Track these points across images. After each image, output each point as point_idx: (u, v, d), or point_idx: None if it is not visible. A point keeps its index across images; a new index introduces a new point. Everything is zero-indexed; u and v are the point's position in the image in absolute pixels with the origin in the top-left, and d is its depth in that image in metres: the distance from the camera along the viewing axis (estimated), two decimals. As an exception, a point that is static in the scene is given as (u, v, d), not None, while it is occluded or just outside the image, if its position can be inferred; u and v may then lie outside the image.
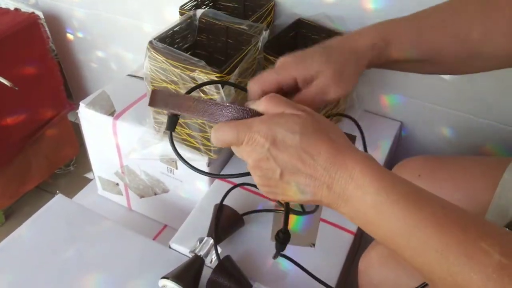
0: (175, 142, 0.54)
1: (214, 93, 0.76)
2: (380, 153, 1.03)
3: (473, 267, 0.34)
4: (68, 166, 1.63)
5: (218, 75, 0.76)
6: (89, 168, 1.61)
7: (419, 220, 0.37)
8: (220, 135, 0.43)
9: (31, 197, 1.50)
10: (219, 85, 0.76)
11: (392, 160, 1.12)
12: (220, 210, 0.80)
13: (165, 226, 1.14)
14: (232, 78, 0.77)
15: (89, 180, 1.41)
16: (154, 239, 1.11)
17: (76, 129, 1.59)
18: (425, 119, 1.07)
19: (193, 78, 0.78)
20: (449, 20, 0.56)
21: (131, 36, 1.33)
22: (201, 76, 0.77)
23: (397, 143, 1.12)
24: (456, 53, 0.55)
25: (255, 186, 0.55)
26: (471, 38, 0.54)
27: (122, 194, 1.17)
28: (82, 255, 0.82)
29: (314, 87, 0.52)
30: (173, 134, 0.91)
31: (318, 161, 0.40)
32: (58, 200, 0.92)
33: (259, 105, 0.44)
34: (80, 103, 1.03)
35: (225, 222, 0.80)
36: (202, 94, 0.78)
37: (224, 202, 0.81)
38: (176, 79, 0.80)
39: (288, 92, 0.53)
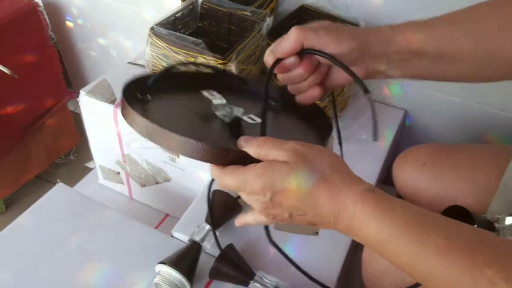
0: None
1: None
2: (384, 141, 1.02)
3: None
4: (68, 156, 1.61)
5: (220, 61, 0.74)
6: (89, 157, 1.60)
7: (421, 252, 0.38)
8: (222, 184, 0.45)
9: (31, 186, 1.49)
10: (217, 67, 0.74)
11: (396, 148, 1.11)
12: (214, 195, 0.79)
13: (167, 215, 1.14)
14: (236, 64, 0.76)
15: (89, 170, 1.40)
16: (156, 228, 1.10)
17: (76, 118, 1.58)
18: (429, 108, 1.06)
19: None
20: (462, 16, 0.54)
21: (131, 23, 1.32)
22: (204, 62, 0.75)
23: (401, 132, 1.11)
24: (472, 49, 0.53)
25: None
26: (486, 34, 0.52)
27: (123, 183, 1.16)
28: (84, 244, 0.81)
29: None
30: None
31: (320, 206, 0.41)
32: (59, 189, 0.91)
33: (250, 149, 0.44)
34: (81, 91, 1.01)
35: (220, 206, 0.80)
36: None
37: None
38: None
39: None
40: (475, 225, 0.64)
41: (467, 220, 0.65)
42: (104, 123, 1.03)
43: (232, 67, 0.75)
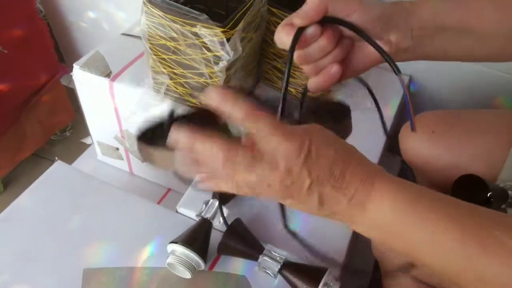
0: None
1: (219, 48, 0.72)
2: (389, 108, 1.00)
3: (489, 255, 0.36)
4: (64, 132, 1.58)
5: (221, 29, 0.71)
6: (85, 133, 1.57)
7: (436, 222, 0.39)
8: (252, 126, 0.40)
9: (28, 164, 1.46)
10: (224, 40, 0.71)
11: (402, 115, 1.09)
12: None
13: (169, 190, 1.12)
14: (237, 32, 0.72)
15: (86, 146, 1.38)
16: (158, 203, 1.08)
17: (70, 93, 1.53)
18: (434, 72, 1.03)
19: (195, 34, 0.72)
20: None
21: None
22: (203, 31, 0.72)
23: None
24: (501, 21, 0.50)
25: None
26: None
27: (123, 159, 1.13)
28: (85, 222, 0.79)
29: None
30: (174, 95, 0.87)
31: (348, 175, 0.40)
32: (58, 167, 0.88)
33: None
34: (74, 65, 0.97)
35: None
36: (204, 49, 0.73)
37: None
38: (175, 35, 0.75)
39: None
40: (490, 193, 0.63)
41: (481, 188, 0.64)
42: (100, 98, 1.00)
43: (236, 36, 0.72)
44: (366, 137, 0.93)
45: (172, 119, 0.52)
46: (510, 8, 0.49)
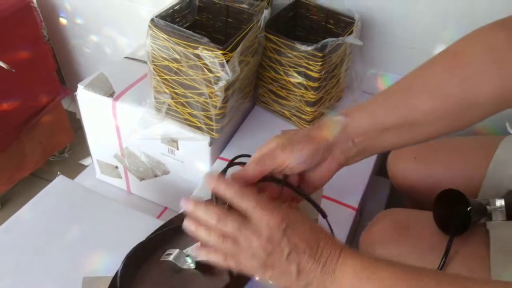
0: (176, 122, 0.58)
1: (219, 69, 0.77)
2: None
3: None
4: (63, 153, 1.62)
5: (221, 52, 0.76)
6: (84, 155, 1.60)
7: None
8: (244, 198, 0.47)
9: (26, 183, 1.48)
10: (224, 61, 0.76)
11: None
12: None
13: (166, 208, 1.15)
14: (236, 54, 0.78)
15: (84, 167, 1.41)
16: (155, 220, 1.11)
17: (69, 116, 1.58)
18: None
19: (197, 56, 0.78)
20: (416, 81, 0.54)
21: (126, 19, 1.32)
22: (204, 53, 0.77)
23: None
24: (439, 108, 0.52)
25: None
26: (449, 91, 0.51)
27: (121, 177, 1.17)
28: (86, 234, 0.82)
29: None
30: (175, 114, 0.92)
31: (319, 245, 0.46)
32: (60, 181, 0.92)
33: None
34: (78, 84, 1.02)
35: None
36: (205, 70, 0.78)
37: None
38: (178, 57, 0.80)
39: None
40: (470, 207, 0.67)
41: (462, 203, 0.68)
42: (102, 117, 1.04)
43: (234, 58, 0.77)
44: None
45: None
46: (449, 97, 0.51)
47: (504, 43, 0.50)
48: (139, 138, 0.99)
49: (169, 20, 0.87)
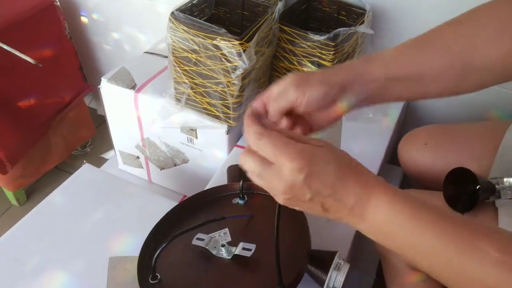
0: (195, 111, 0.59)
1: (236, 59, 0.81)
2: (389, 122, 1.07)
3: (474, 265, 0.40)
4: (85, 148, 1.68)
5: (238, 42, 0.80)
6: (105, 149, 1.66)
7: (424, 232, 0.43)
8: (259, 149, 0.47)
9: (50, 177, 1.55)
10: (241, 50, 0.80)
11: (400, 128, 1.17)
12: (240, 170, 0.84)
13: (184, 196, 1.19)
14: (252, 44, 0.82)
15: (105, 160, 1.46)
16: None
17: (91, 112, 1.64)
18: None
19: (215, 46, 0.82)
20: (431, 38, 0.56)
21: (145, 16, 1.37)
22: (222, 43, 0.81)
23: (405, 112, 1.17)
24: (447, 64, 0.54)
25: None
26: (457, 48, 0.54)
27: (142, 167, 1.21)
28: (112, 218, 0.87)
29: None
30: (194, 103, 0.96)
31: (347, 188, 0.45)
32: (86, 169, 0.97)
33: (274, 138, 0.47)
34: (102, 78, 1.07)
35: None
36: (223, 59, 0.82)
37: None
38: (197, 48, 0.85)
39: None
40: (478, 186, 0.70)
41: (471, 181, 0.71)
42: (124, 109, 1.09)
43: (251, 48, 0.81)
44: (368, 146, 1.01)
45: None
46: (457, 54, 0.54)
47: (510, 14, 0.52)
48: (160, 127, 1.03)
49: (188, 13, 0.91)
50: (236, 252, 0.62)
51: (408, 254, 0.46)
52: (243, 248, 0.60)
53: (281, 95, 0.52)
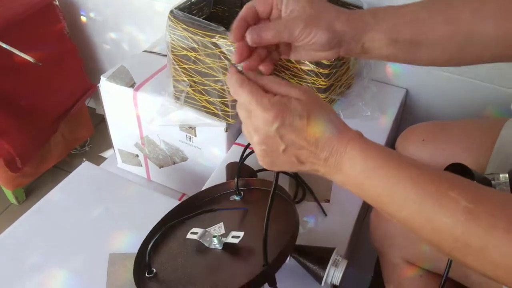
0: (194, 109, 0.60)
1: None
2: (386, 119, 1.08)
3: (445, 212, 0.41)
4: (84, 147, 1.68)
5: (237, 40, 0.81)
6: (103, 148, 1.67)
7: (398, 180, 0.44)
8: (236, 97, 0.49)
9: (49, 175, 1.55)
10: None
11: (398, 126, 1.18)
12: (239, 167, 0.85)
13: (184, 194, 1.20)
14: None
15: (104, 159, 1.47)
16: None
17: (89, 111, 1.64)
18: (430, 86, 1.12)
19: (214, 44, 0.83)
20: (439, 1, 0.56)
21: (144, 16, 1.38)
22: (221, 41, 0.82)
23: (403, 110, 1.17)
24: (451, 34, 0.54)
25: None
26: (463, 18, 0.54)
27: (141, 165, 1.22)
28: (111, 215, 0.87)
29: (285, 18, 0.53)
30: (192, 101, 0.97)
31: (320, 140, 0.46)
32: (85, 167, 0.97)
33: (263, 81, 0.49)
34: (101, 76, 1.08)
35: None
36: (222, 57, 0.83)
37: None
38: (196, 46, 0.85)
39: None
40: (474, 181, 0.71)
41: (467, 177, 0.71)
42: (124, 107, 1.09)
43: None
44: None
45: None
46: (458, 22, 0.53)
47: None
48: (159, 125, 1.04)
49: (186, 12, 0.92)
50: (226, 241, 0.64)
51: (383, 206, 0.46)
52: (232, 236, 0.62)
53: (286, 27, 0.50)
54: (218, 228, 0.68)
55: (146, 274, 0.66)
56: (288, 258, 0.75)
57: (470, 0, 0.55)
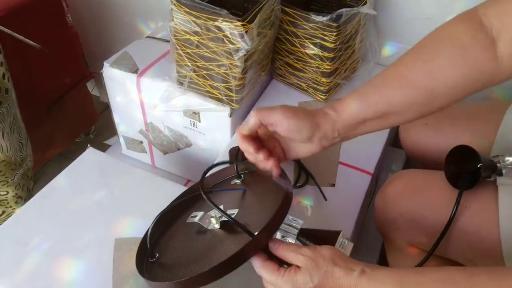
0: (198, 95, 0.62)
1: (238, 40, 0.81)
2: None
3: None
4: (88, 135, 1.68)
5: (240, 23, 0.80)
6: (108, 136, 1.67)
7: None
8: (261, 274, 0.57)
9: (54, 163, 1.56)
10: (243, 32, 0.80)
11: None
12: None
13: (188, 180, 1.20)
14: (254, 25, 0.81)
15: (109, 147, 1.47)
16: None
17: (93, 98, 1.64)
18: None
19: (218, 28, 0.82)
20: (390, 75, 0.60)
21: (146, 3, 1.37)
22: (224, 24, 0.81)
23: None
24: (412, 98, 0.59)
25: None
26: (417, 82, 0.58)
27: (146, 152, 1.22)
28: (117, 200, 0.87)
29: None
30: (196, 86, 0.97)
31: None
32: (90, 153, 0.97)
33: (278, 250, 0.58)
34: (104, 62, 1.07)
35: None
36: (225, 41, 0.82)
37: None
38: (199, 30, 0.85)
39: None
40: (480, 164, 0.70)
41: (473, 159, 0.71)
42: (127, 93, 1.09)
43: (253, 29, 0.81)
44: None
45: None
46: (413, 86, 0.58)
47: (467, 34, 0.55)
48: (163, 110, 1.04)
49: (189, -4, 0.91)
50: (222, 219, 0.66)
51: None
52: (227, 214, 0.63)
53: (268, 111, 0.59)
54: (215, 219, 0.69)
55: (149, 259, 0.67)
56: (294, 241, 0.75)
57: (418, 63, 0.58)
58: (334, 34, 0.90)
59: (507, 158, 0.72)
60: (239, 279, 0.68)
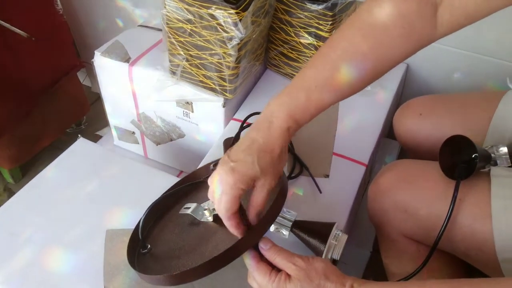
0: (191, 84, 0.61)
1: (232, 28, 0.79)
2: (386, 94, 1.07)
3: None
4: (80, 125, 1.66)
5: (234, 11, 0.79)
6: (100, 126, 1.65)
7: None
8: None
9: (45, 154, 1.54)
10: (237, 20, 0.78)
11: (399, 101, 1.16)
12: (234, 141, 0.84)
13: (181, 172, 1.19)
14: (248, 13, 0.80)
15: (100, 137, 1.45)
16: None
17: (85, 89, 1.62)
18: (430, 60, 1.11)
19: (211, 15, 0.80)
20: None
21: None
22: (218, 12, 0.80)
23: (403, 85, 1.16)
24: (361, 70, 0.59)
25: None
26: (365, 55, 0.58)
27: (138, 143, 1.21)
28: (108, 191, 0.86)
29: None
30: (189, 76, 0.95)
31: None
32: (81, 143, 0.96)
33: (268, 253, 0.57)
34: (95, 51, 1.06)
35: None
36: (219, 29, 0.81)
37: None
38: (192, 18, 0.83)
39: None
40: (475, 154, 0.70)
41: (468, 149, 0.70)
42: (119, 82, 1.07)
43: (247, 17, 0.79)
44: (366, 119, 1.00)
45: None
46: (360, 60, 0.58)
47: (415, 10, 0.55)
48: (155, 100, 1.02)
49: (182, -17, 0.89)
50: (215, 212, 0.65)
51: None
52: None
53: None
54: (212, 202, 0.68)
55: (141, 250, 0.66)
56: (288, 233, 0.74)
57: (369, 41, 0.57)
58: (329, 23, 0.89)
59: (501, 148, 0.72)
60: (233, 271, 0.67)
